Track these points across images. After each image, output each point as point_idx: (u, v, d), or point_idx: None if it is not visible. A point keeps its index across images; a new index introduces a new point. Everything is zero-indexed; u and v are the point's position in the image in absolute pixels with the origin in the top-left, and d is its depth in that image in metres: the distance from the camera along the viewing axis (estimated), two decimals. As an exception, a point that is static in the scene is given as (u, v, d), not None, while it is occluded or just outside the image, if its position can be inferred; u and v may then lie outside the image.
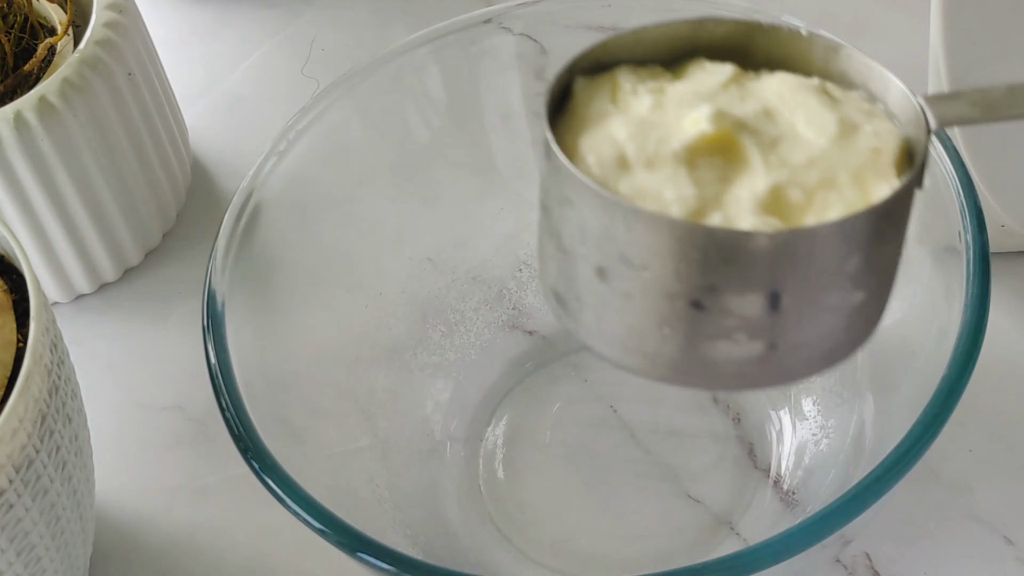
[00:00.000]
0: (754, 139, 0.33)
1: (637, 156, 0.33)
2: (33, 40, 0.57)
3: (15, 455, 0.40)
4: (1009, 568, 0.47)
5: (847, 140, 0.33)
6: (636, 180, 0.32)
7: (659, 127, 0.33)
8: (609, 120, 0.34)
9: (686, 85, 0.35)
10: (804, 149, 0.33)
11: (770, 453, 0.50)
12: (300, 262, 0.50)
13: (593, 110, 0.34)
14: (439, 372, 0.53)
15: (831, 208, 0.32)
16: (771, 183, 0.32)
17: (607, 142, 0.33)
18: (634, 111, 0.34)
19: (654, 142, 0.33)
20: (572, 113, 0.35)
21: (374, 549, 0.38)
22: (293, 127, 0.49)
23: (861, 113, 0.34)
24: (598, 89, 0.35)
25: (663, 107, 0.34)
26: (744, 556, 0.36)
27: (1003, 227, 0.52)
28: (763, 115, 0.34)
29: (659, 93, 0.35)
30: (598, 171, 0.32)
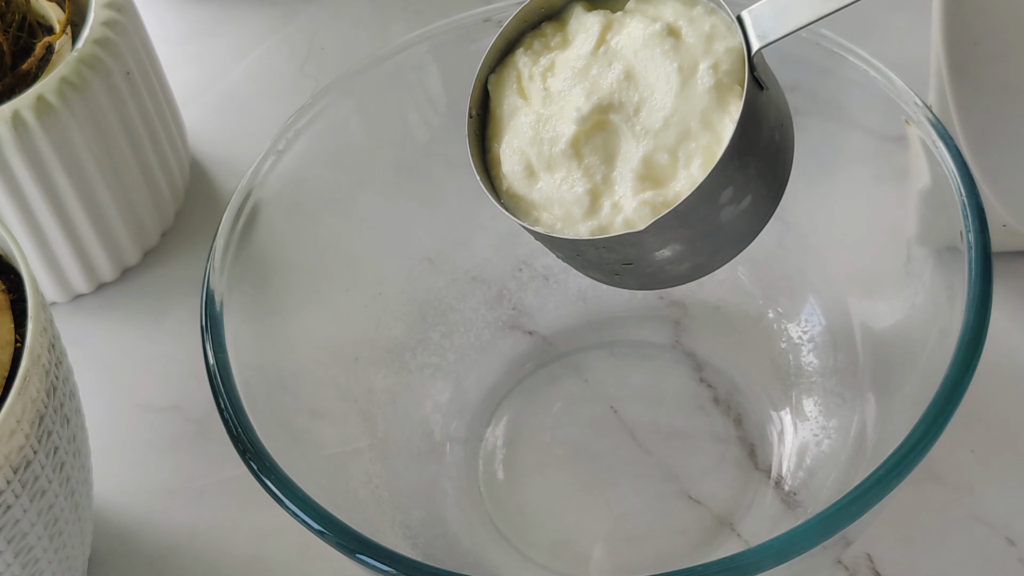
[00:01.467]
0: (621, 114, 0.41)
1: (538, 161, 0.42)
2: (31, 39, 0.57)
3: (13, 456, 0.40)
4: (1011, 569, 0.47)
5: (689, 88, 0.40)
6: (543, 186, 0.42)
7: (549, 123, 0.42)
8: (518, 118, 0.42)
9: (568, 55, 0.42)
10: (659, 110, 0.40)
11: (771, 454, 0.50)
12: (299, 262, 0.50)
13: (507, 107, 0.43)
14: (439, 372, 0.53)
15: (692, 159, 0.40)
16: (641, 155, 0.40)
17: (516, 154, 0.42)
18: (533, 103, 0.42)
19: (548, 143, 0.41)
20: (492, 115, 0.43)
21: (373, 550, 0.38)
22: (292, 126, 0.49)
23: (701, 43, 0.40)
24: (505, 81, 0.43)
25: (551, 96, 0.42)
26: (745, 557, 0.36)
27: (1005, 227, 0.52)
28: (625, 81, 0.41)
29: (549, 73, 0.42)
30: (516, 184, 0.42)
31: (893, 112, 0.46)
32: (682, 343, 0.54)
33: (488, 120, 0.43)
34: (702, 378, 0.53)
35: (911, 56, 0.52)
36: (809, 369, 0.51)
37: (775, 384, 0.52)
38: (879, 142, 0.48)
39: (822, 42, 0.48)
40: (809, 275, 0.52)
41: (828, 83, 0.48)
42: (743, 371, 0.53)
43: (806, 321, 0.52)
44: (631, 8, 0.42)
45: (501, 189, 0.43)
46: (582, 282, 0.53)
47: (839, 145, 0.50)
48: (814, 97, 0.50)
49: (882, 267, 0.49)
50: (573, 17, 0.43)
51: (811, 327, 0.52)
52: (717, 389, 0.53)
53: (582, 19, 0.42)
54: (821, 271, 0.51)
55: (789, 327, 0.52)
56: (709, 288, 0.54)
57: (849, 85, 0.47)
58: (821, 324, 0.51)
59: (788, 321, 0.52)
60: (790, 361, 0.52)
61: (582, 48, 0.42)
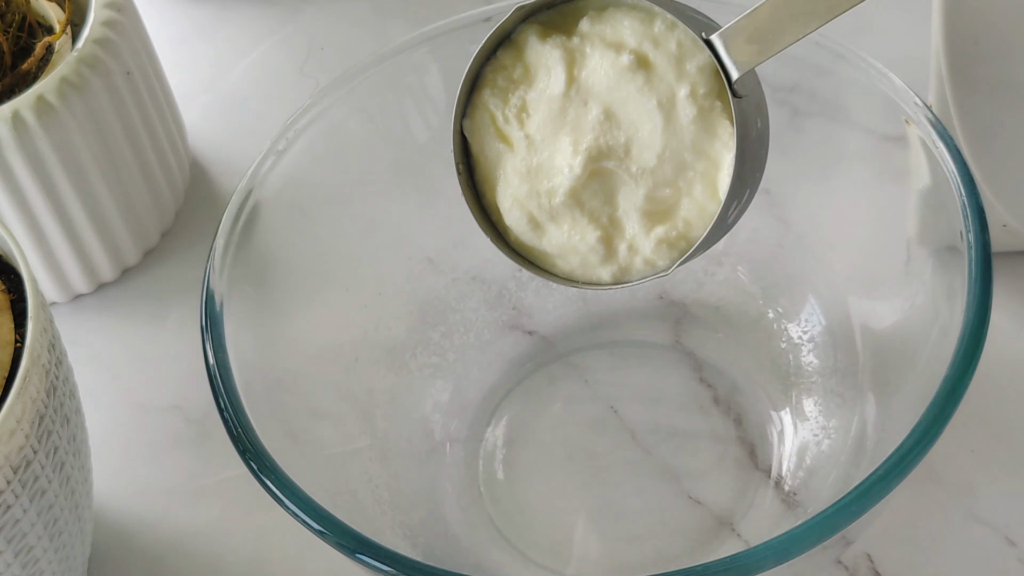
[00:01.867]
0: (613, 159, 0.41)
1: (540, 213, 0.42)
2: (31, 39, 0.57)
3: (13, 456, 0.40)
4: (1011, 569, 0.47)
5: (673, 122, 0.40)
6: (552, 238, 0.42)
7: (541, 175, 0.41)
8: (505, 165, 0.42)
9: (537, 94, 0.41)
10: (650, 148, 0.40)
11: (771, 454, 0.50)
12: (299, 262, 0.50)
13: (490, 154, 0.42)
14: (439, 372, 0.53)
15: (693, 186, 0.40)
16: (643, 194, 0.40)
17: (516, 207, 0.42)
18: (517, 149, 0.42)
19: (546, 196, 0.41)
20: (477, 162, 0.43)
21: (373, 550, 0.38)
22: (292, 126, 0.49)
23: (671, 66, 0.40)
24: (480, 126, 0.42)
25: (534, 143, 0.42)
26: (745, 557, 0.36)
27: (1005, 227, 0.52)
28: (607, 122, 0.41)
29: (524, 114, 0.42)
30: (524, 236, 0.42)
31: (893, 112, 0.46)
32: (682, 343, 0.54)
33: (473, 165, 0.43)
34: (702, 378, 0.53)
35: (911, 56, 0.52)
36: (809, 369, 0.51)
37: (775, 384, 0.52)
38: (879, 142, 0.48)
39: (822, 42, 0.47)
40: (809, 275, 0.52)
41: (828, 83, 0.48)
42: (743, 371, 0.53)
43: (806, 321, 0.52)
44: (586, 32, 0.41)
45: (508, 236, 0.43)
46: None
47: (839, 145, 0.50)
48: (814, 97, 0.50)
49: (882, 267, 0.49)
50: (529, 47, 0.42)
51: (811, 327, 0.52)
52: (717, 389, 0.53)
53: (540, 51, 0.41)
54: (821, 271, 0.51)
55: (789, 327, 0.52)
56: (709, 288, 0.54)
57: (849, 85, 0.47)
58: (821, 324, 0.51)
59: (788, 321, 0.52)
60: (790, 361, 0.52)
61: (552, 88, 0.41)
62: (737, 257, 0.54)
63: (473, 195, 0.43)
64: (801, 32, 0.37)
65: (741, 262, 0.54)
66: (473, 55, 0.42)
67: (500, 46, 0.42)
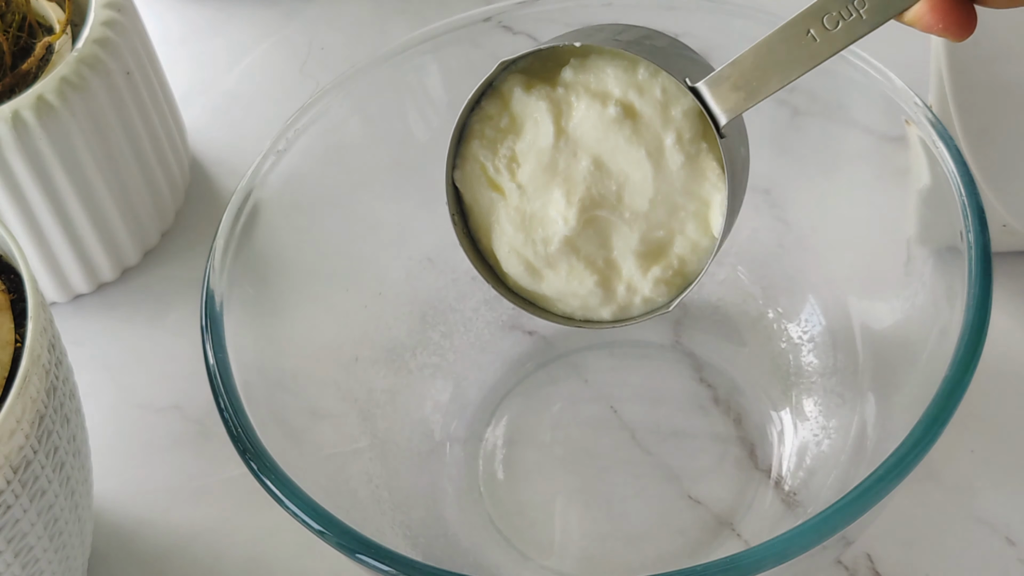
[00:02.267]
0: (606, 207, 0.41)
1: (536, 260, 0.43)
2: (31, 39, 0.57)
3: (13, 456, 0.40)
4: (1011, 569, 0.47)
5: (662, 169, 0.40)
6: (551, 282, 0.43)
7: (535, 223, 0.42)
8: (499, 213, 0.43)
9: (526, 145, 0.42)
10: (641, 194, 0.41)
11: (771, 454, 0.50)
12: (299, 262, 0.50)
13: (484, 202, 0.43)
14: (439, 372, 0.53)
15: (686, 224, 0.41)
16: (638, 237, 0.41)
17: (513, 255, 0.43)
18: (509, 198, 0.42)
19: (542, 244, 0.42)
20: (471, 210, 0.43)
21: (373, 550, 0.38)
22: (292, 126, 0.49)
23: (657, 113, 0.40)
24: (471, 177, 0.43)
25: (525, 192, 0.42)
26: (745, 557, 0.36)
27: (1005, 227, 0.52)
28: (597, 171, 0.41)
29: (514, 164, 0.42)
30: (522, 282, 0.43)
31: (893, 112, 0.46)
32: (682, 343, 0.54)
33: (467, 213, 0.43)
34: (702, 378, 0.53)
35: (911, 56, 0.52)
36: (809, 369, 0.51)
37: (775, 384, 0.52)
38: (879, 142, 0.48)
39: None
40: (809, 275, 0.52)
41: (828, 83, 0.48)
42: (743, 371, 0.53)
43: (806, 321, 0.52)
44: (570, 82, 0.41)
45: (507, 281, 0.44)
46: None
47: (839, 145, 0.50)
48: (814, 97, 0.50)
49: (882, 267, 0.49)
50: (514, 98, 0.42)
51: (811, 327, 0.52)
52: (717, 389, 0.53)
53: (526, 102, 0.41)
54: (821, 271, 0.51)
55: (789, 327, 0.52)
56: (709, 288, 0.54)
57: (849, 85, 0.47)
58: (821, 324, 0.51)
59: (788, 321, 0.52)
60: (790, 361, 0.52)
61: (541, 140, 0.41)
62: (737, 257, 0.54)
63: (469, 242, 0.44)
64: (785, 79, 0.38)
65: (741, 262, 0.54)
66: (461, 107, 0.42)
67: (483, 94, 0.42)
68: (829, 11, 0.36)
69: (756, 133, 0.43)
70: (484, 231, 0.43)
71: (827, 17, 0.37)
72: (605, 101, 0.40)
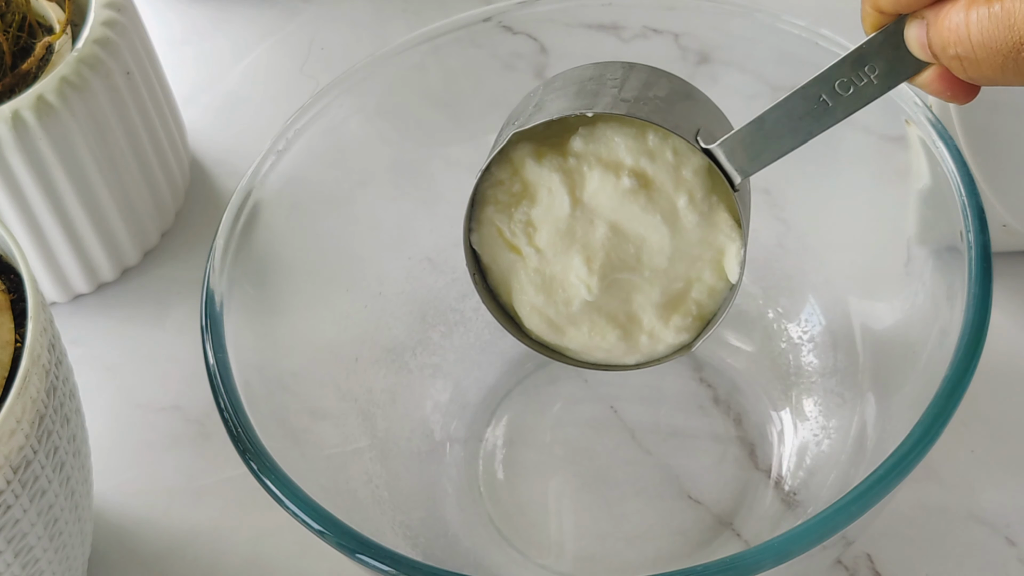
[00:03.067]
0: (625, 269, 0.42)
1: (559, 319, 0.43)
2: (31, 39, 0.57)
3: (13, 456, 0.40)
4: (1011, 569, 0.47)
5: (678, 229, 0.41)
6: (573, 337, 0.44)
7: (555, 285, 0.43)
8: (519, 274, 0.43)
9: (541, 213, 0.42)
10: (660, 253, 0.42)
11: (771, 454, 0.50)
12: (299, 262, 0.50)
13: (503, 263, 0.43)
14: (439, 372, 0.53)
15: (703, 273, 0.42)
16: (658, 292, 0.42)
17: (535, 313, 0.43)
18: (528, 260, 0.43)
19: (563, 304, 0.43)
20: (489, 270, 0.44)
21: (373, 551, 0.38)
22: (292, 126, 0.49)
23: (669, 178, 0.41)
24: (489, 240, 0.43)
25: (545, 256, 0.43)
26: (745, 557, 0.36)
27: (1005, 227, 0.52)
28: (614, 237, 0.42)
29: (531, 230, 0.43)
30: (545, 337, 0.44)
31: (893, 112, 0.46)
32: (682, 343, 0.54)
33: (485, 272, 0.44)
34: (702, 378, 0.53)
35: (911, 56, 0.52)
36: (809, 369, 0.51)
37: (775, 384, 0.52)
38: (879, 142, 0.48)
39: (821, 42, 0.47)
40: (809, 275, 0.52)
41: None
42: (743, 371, 0.53)
43: (806, 321, 0.52)
44: (581, 152, 0.41)
45: (530, 334, 0.44)
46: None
47: (839, 145, 0.50)
48: (814, 97, 0.49)
49: (882, 267, 0.49)
50: (526, 167, 0.42)
51: (811, 327, 0.51)
52: (717, 389, 0.53)
53: (538, 173, 0.42)
54: (821, 271, 0.51)
55: (789, 327, 0.52)
56: (709, 288, 0.54)
57: (849, 85, 0.47)
58: (821, 324, 0.51)
59: (788, 321, 0.52)
60: (790, 361, 0.52)
61: (557, 210, 0.42)
62: (737, 257, 0.53)
63: (490, 297, 0.44)
64: (798, 142, 0.39)
65: (741, 262, 0.54)
66: (476, 176, 0.42)
67: (492, 160, 0.42)
68: (840, 77, 0.37)
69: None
70: (504, 289, 0.44)
71: (839, 83, 0.37)
72: (618, 172, 0.41)
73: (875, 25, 0.36)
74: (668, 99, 0.41)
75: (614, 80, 0.41)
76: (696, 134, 0.40)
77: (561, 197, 0.42)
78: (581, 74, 0.42)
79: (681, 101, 0.41)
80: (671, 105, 0.40)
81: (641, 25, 0.52)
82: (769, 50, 0.49)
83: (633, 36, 0.52)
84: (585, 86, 0.41)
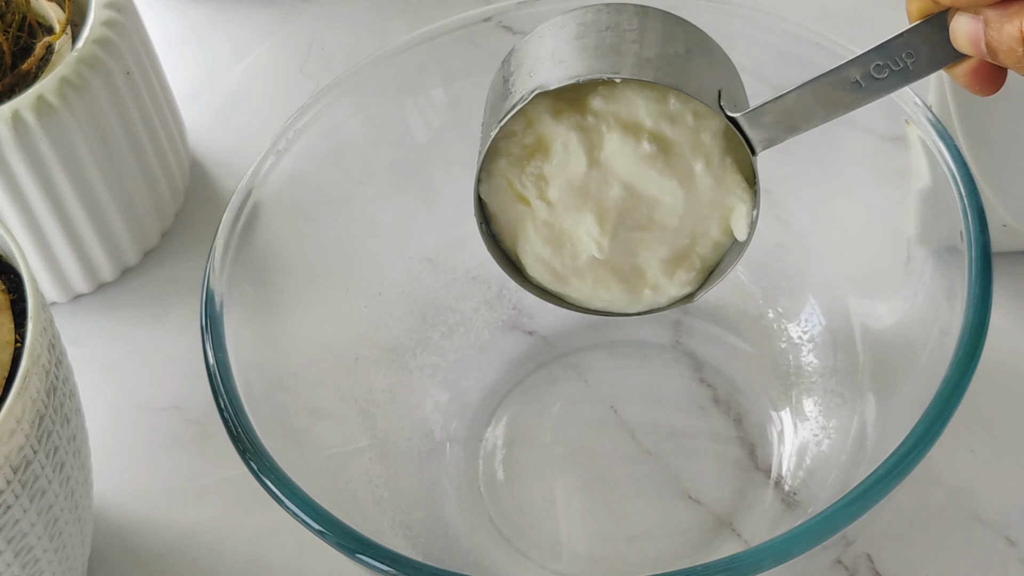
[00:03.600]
0: (635, 227, 0.42)
1: (564, 270, 0.43)
2: (31, 39, 0.57)
3: (13, 456, 0.40)
4: (1011, 569, 0.47)
5: (692, 192, 0.41)
6: (577, 288, 0.44)
7: (564, 238, 0.42)
8: (526, 225, 0.43)
9: (556, 169, 0.42)
10: (671, 214, 0.42)
11: (771, 454, 0.50)
12: (299, 262, 0.50)
13: (511, 213, 0.43)
14: (439, 372, 0.53)
15: (710, 229, 0.42)
16: (666, 249, 0.42)
17: (539, 263, 0.43)
18: (537, 211, 0.42)
19: (569, 257, 0.43)
20: (496, 219, 0.43)
21: (373, 550, 0.38)
22: (292, 126, 0.49)
23: (688, 142, 0.40)
24: (498, 190, 0.42)
25: (555, 208, 0.42)
26: (745, 557, 0.36)
27: (1005, 227, 0.52)
28: (627, 195, 0.41)
29: (542, 183, 0.42)
30: (549, 286, 0.44)
31: (893, 112, 0.46)
32: (682, 343, 0.54)
33: (490, 220, 0.43)
34: (702, 378, 0.53)
35: (911, 56, 0.52)
36: (809, 369, 0.51)
37: (775, 384, 0.52)
38: (879, 142, 0.48)
39: (822, 42, 0.48)
40: (809, 275, 0.52)
41: (828, 83, 0.48)
42: (743, 371, 0.53)
43: (806, 321, 0.52)
44: (600, 111, 0.41)
45: (532, 280, 0.44)
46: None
47: (839, 145, 0.50)
48: (814, 97, 0.49)
49: (882, 267, 0.49)
50: (542, 121, 0.41)
51: (811, 327, 0.51)
52: (717, 389, 0.53)
53: (555, 128, 0.41)
54: (821, 271, 0.51)
55: (789, 327, 0.52)
56: (709, 288, 0.54)
57: (849, 85, 0.47)
58: (821, 324, 0.51)
59: (788, 321, 0.52)
60: (790, 361, 0.52)
61: (573, 167, 0.41)
62: (737, 257, 0.53)
63: (494, 244, 0.44)
64: (826, 119, 0.39)
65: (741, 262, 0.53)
66: (492, 133, 0.41)
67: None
68: (877, 60, 0.37)
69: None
70: (509, 238, 0.44)
71: (875, 66, 0.38)
72: (638, 136, 0.41)
73: (923, 11, 0.36)
74: (688, 55, 0.40)
75: (632, 32, 0.40)
76: (719, 98, 0.39)
77: (578, 155, 0.41)
78: (596, 21, 0.40)
79: (700, 57, 0.40)
80: (691, 62, 0.40)
81: (641, 25, 0.52)
82: (769, 50, 0.49)
83: (633, 36, 0.52)
84: (604, 39, 0.40)
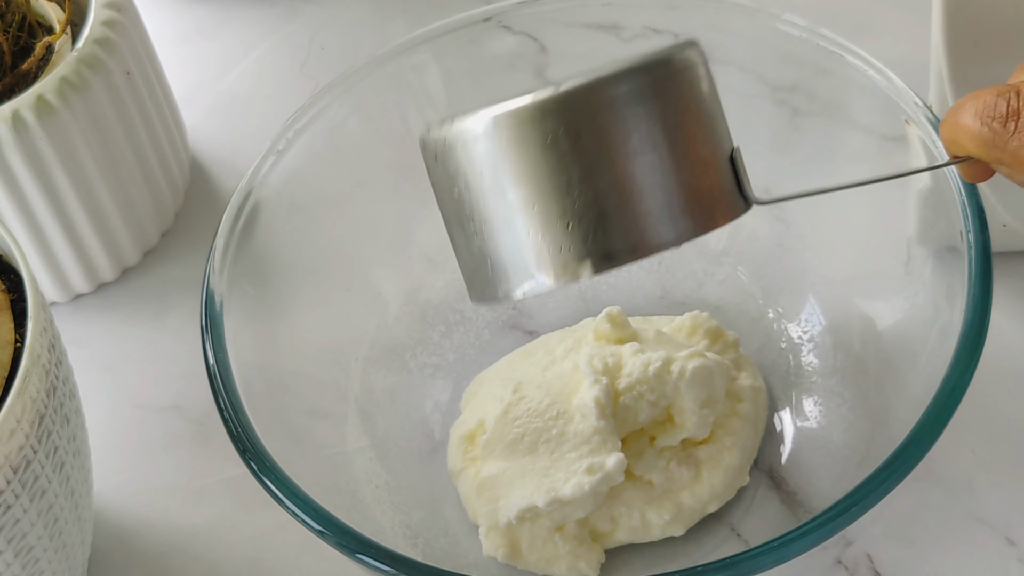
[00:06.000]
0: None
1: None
2: (31, 39, 0.57)
3: (13, 456, 0.40)
4: (1011, 568, 0.47)
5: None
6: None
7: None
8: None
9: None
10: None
11: (771, 454, 0.50)
12: (299, 262, 0.50)
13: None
14: (439, 372, 0.53)
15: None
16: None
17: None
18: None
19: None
20: None
21: (373, 550, 0.38)
22: (292, 126, 0.49)
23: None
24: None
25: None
26: (745, 557, 0.36)
27: (1005, 226, 0.52)
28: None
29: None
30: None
31: (893, 112, 0.46)
32: (682, 343, 0.54)
33: None
34: (702, 378, 0.53)
35: (911, 56, 0.52)
36: (809, 369, 0.51)
37: (775, 384, 0.52)
38: (879, 142, 0.48)
39: (822, 42, 0.48)
40: (809, 275, 0.52)
41: (828, 83, 0.48)
42: (743, 371, 0.53)
43: (806, 321, 0.52)
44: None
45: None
46: (582, 282, 0.53)
47: (839, 145, 0.50)
48: (814, 97, 0.50)
49: (882, 267, 0.49)
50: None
51: (811, 327, 0.51)
52: (717, 389, 0.53)
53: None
54: (821, 271, 0.51)
55: (789, 327, 0.52)
56: (709, 288, 0.54)
57: (849, 85, 0.47)
58: (821, 324, 0.51)
59: (788, 321, 0.52)
60: (790, 361, 0.52)
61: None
62: (737, 257, 0.53)
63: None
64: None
65: (741, 262, 0.54)
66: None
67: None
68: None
69: (756, 133, 0.43)
70: None
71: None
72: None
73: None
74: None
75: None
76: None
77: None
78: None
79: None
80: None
81: (641, 25, 0.52)
82: (769, 50, 0.49)
83: (633, 36, 0.52)
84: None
